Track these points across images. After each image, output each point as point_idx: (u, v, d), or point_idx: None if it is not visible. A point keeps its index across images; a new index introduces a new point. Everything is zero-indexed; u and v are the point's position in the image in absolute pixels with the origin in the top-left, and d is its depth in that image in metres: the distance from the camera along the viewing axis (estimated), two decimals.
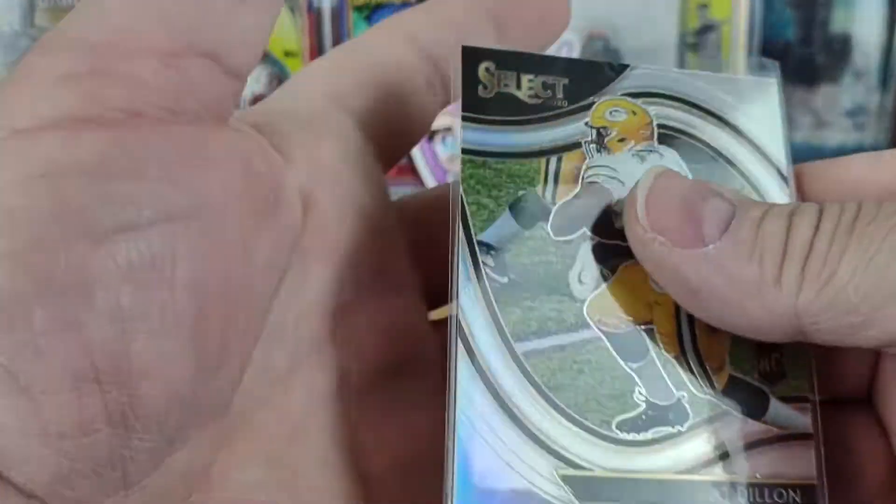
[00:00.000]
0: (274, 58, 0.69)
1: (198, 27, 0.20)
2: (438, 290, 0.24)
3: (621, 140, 0.25)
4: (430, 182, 0.71)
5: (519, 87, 0.25)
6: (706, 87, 0.26)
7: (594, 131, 0.25)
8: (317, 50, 0.69)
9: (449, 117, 0.29)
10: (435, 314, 0.27)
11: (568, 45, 0.66)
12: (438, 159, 0.71)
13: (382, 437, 0.24)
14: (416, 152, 0.70)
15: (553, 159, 0.24)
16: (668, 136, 0.25)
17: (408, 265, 0.26)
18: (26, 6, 0.66)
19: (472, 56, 0.25)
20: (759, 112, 0.26)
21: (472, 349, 0.22)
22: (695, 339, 0.24)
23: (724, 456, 0.23)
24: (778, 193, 0.25)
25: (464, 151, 0.24)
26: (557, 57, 0.25)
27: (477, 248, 0.23)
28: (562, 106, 0.25)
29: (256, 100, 0.69)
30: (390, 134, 0.26)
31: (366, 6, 0.69)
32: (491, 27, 0.26)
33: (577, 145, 0.25)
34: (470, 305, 0.23)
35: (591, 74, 0.25)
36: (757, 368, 0.24)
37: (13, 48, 0.66)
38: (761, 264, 0.21)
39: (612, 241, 0.24)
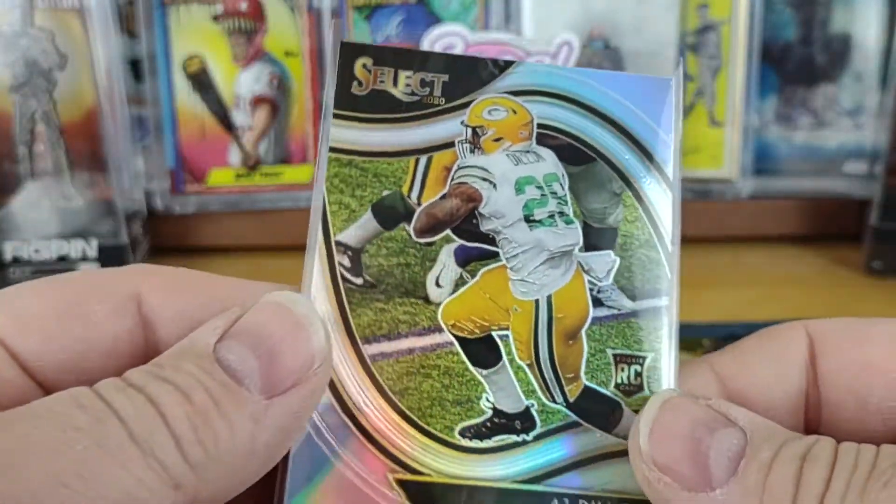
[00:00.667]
0: (274, 58, 0.69)
1: None
2: None
3: (497, 140, 0.24)
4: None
5: (396, 83, 0.24)
6: (596, 86, 0.25)
7: (469, 130, 0.24)
8: (317, 50, 0.69)
9: None
10: None
11: (568, 45, 0.65)
12: None
13: None
14: None
15: (423, 159, 0.24)
16: (548, 135, 0.24)
17: None
18: (26, 6, 0.66)
19: (349, 52, 0.24)
20: (650, 113, 0.24)
21: None
22: (551, 347, 0.23)
23: (569, 467, 0.22)
24: (660, 198, 0.24)
25: (331, 150, 0.24)
26: (438, 53, 0.24)
27: (334, 249, 0.23)
28: (438, 104, 0.24)
29: (257, 100, 0.69)
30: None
31: (366, 6, 0.69)
32: None
33: (450, 145, 0.24)
34: (319, 306, 0.22)
35: (473, 71, 0.24)
36: (614, 380, 0.23)
37: (13, 48, 0.66)
38: None
39: (475, 244, 0.24)
